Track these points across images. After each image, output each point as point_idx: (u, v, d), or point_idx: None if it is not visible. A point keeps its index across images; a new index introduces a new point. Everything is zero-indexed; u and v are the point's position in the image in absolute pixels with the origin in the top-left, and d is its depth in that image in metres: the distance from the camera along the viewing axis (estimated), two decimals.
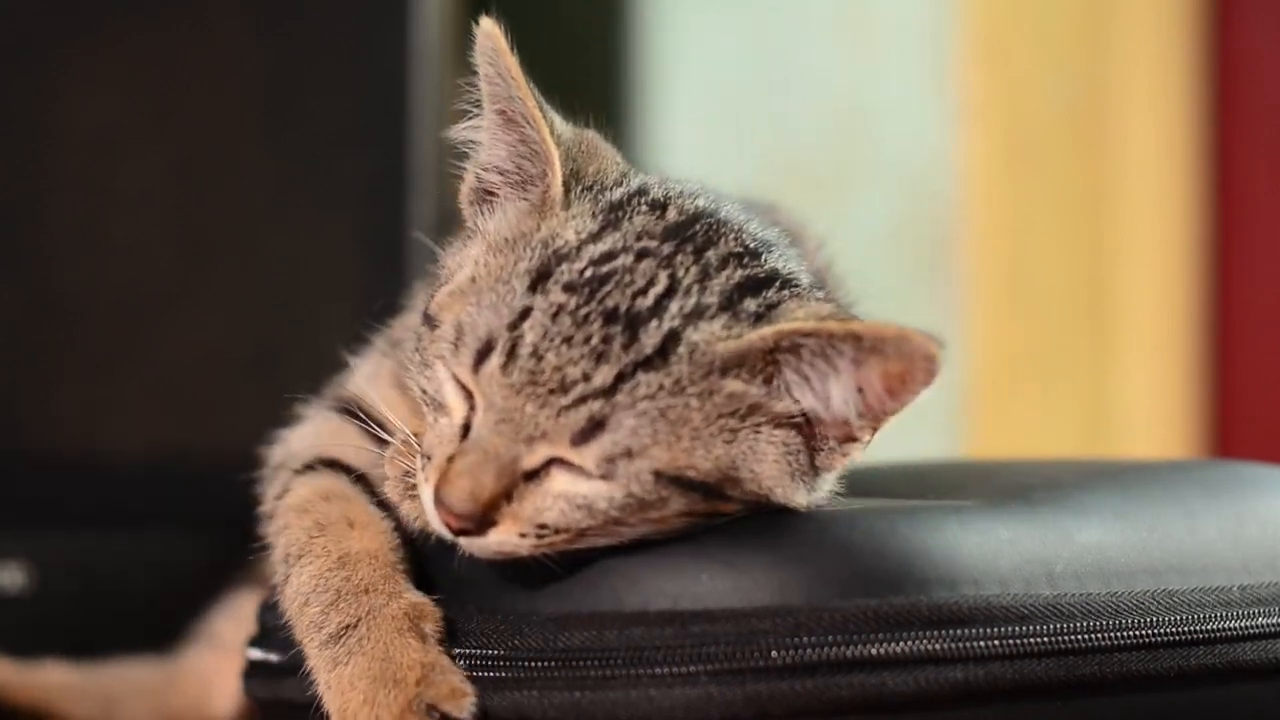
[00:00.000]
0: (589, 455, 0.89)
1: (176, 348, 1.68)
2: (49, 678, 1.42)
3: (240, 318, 1.69)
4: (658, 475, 0.90)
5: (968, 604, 0.91)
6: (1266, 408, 2.47)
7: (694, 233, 0.95)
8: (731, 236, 0.96)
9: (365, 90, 1.72)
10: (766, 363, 0.91)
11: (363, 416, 1.03)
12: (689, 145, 2.36)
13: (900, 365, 0.90)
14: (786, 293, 0.94)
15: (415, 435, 0.97)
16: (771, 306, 0.93)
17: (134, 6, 1.69)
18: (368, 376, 1.08)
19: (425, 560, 0.98)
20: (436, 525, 0.92)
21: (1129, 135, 2.37)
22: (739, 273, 0.94)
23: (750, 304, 0.93)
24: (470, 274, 0.96)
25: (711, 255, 0.94)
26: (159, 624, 1.45)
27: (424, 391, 0.95)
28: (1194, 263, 2.45)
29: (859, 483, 1.08)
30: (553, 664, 0.91)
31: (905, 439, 2.39)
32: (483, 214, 1.00)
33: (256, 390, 1.13)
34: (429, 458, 0.93)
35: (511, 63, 0.96)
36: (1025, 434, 2.28)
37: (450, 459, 0.91)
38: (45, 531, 1.64)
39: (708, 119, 2.37)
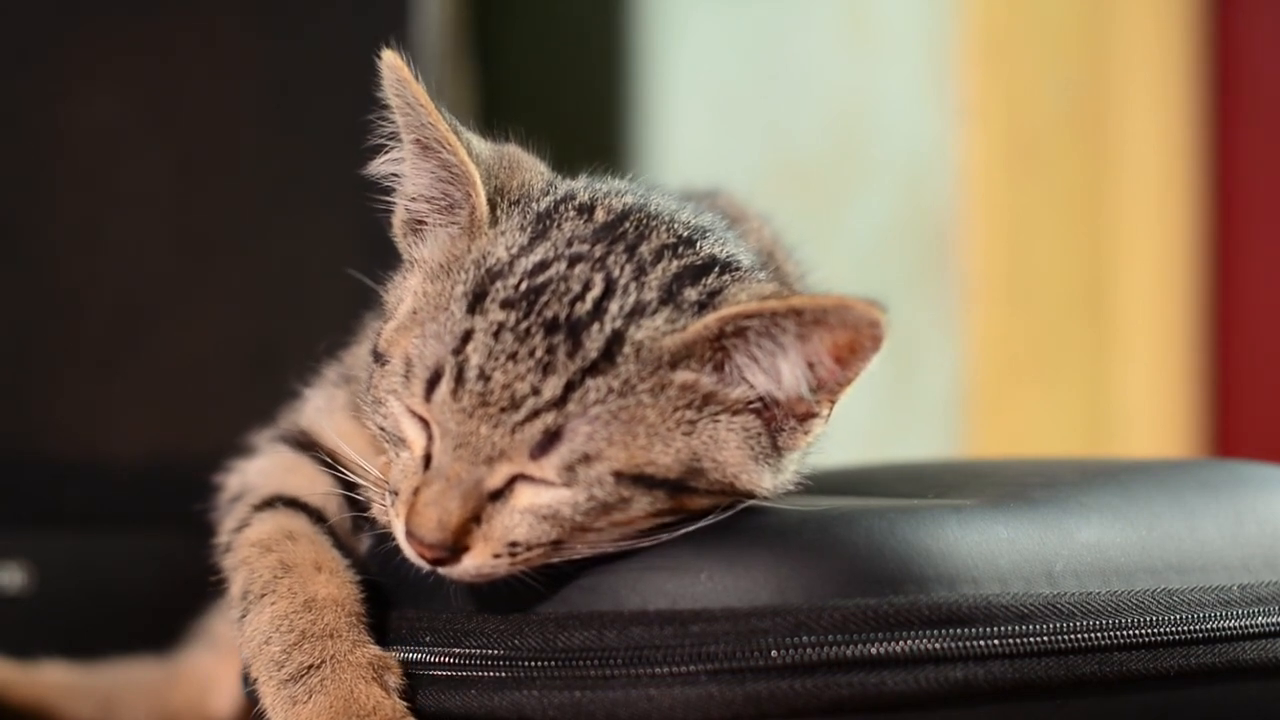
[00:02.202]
0: (549, 466, 0.89)
1: (176, 348, 1.68)
2: (49, 678, 1.42)
3: (240, 318, 1.69)
4: (618, 476, 0.90)
5: (967, 603, 0.91)
6: (1267, 407, 2.47)
7: (624, 230, 0.95)
8: (663, 228, 0.96)
9: (365, 90, 1.72)
10: (715, 350, 0.92)
11: (318, 450, 1.04)
12: (689, 145, 2.36)
13: (845, 335, 0.90)
14: (728, 277, 0.94)
15: (374, 467, 0.98)
16: (713, 293, 0.93)
17: (135, 5, 1.69)
18: (320, 409, 1.08)
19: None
20: (413, 558, 0.92)
21: (1129, 135, 2.37)
22: (675, 263, 0.94)
23: (691, 293, 0.93)
24: (411, 305, 0.96)
25: (644, 250, 0.94)
26: (159, 624, 1.45)
27: (382, 430, 0.95)
28: (1194, 262, 2.45)
29: (859, 482, 1.08)
30: (553, 664, 0.91)
31: (905, 439, 2.39)
32: (416, 244, 1.00)
33: (256, 390, 1.13)
34: (396, 493, 0.93)
35: (419, 90, 0.96)
36: (1025, 434, 2.28)
37: (416, 491, 0.91)
38: (45, 531, 1.64)
39: (708, 119, 2.37)
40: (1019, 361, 2.31)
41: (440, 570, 0.91)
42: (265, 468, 1.08)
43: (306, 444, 1.07)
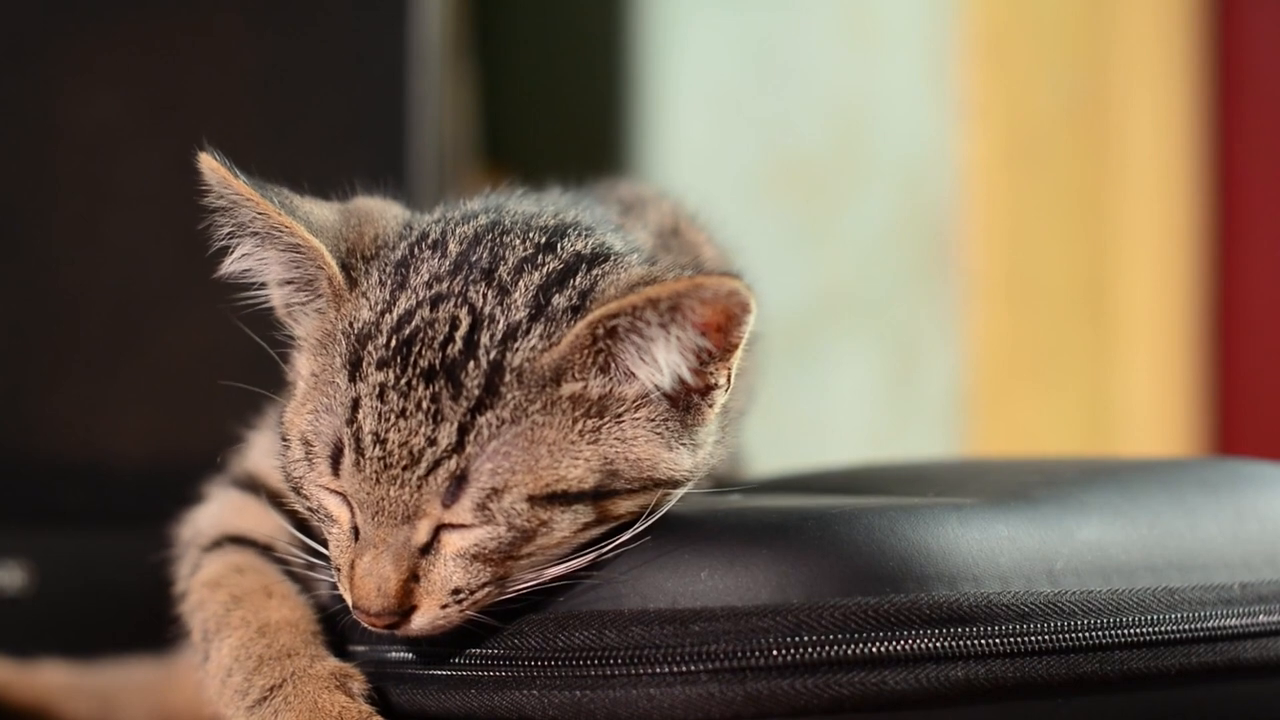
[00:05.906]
0: (463, 510, 0.89)
1: (176, 348, 1.68)
2: (48, 678, 1.42)
3: (240, 318, 1.69)
4: (532, 500, 0.89)
5: (968, 602, 0.90)
6: (1267, 406, 2.47)
7: (478, 257, 0.94)
8: (518, 241, 0.95)
9: (365, 89, 1.72)
10: (595, 354, 0.91)
11: (265, 492, 1.04)
12: (689, 145, 2.36)
13: (712, 309, 0.89)
14: (597, 271, 0.94)
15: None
16: (584, 293, 0.92)
17: (134, 5, 1.69)
18: (266, 451, 1.08)
19: None
20: (368, 627, 0.92)
21: (1130, 134, 2.37)
22: (536, 275, 0.93)
23: (560, 300, 0.92)
24: (303, 386, 0.96)
25: (503, 271, 0.93)
26: (159, 624, 1.45)
27: (310, 510, 0.95)
28: (1195, 261, 2.45)
29: (859, 481, 1.08)
30: (553, 663, 0.91)
31: (905, 439, 2.39)
32: (296, 325, 1.00)
33: (256, 390, 1.13)
34: (339, 569, 0.93)
35: (241, 186, 0.96)
36: (1025, 433, 2.28)
37: (352, 564, 0.91)
38: (45, 531, 1.64)
39: (708, 118, 2.37)
40: (1019, 361, 2.31)
41: (398, 633, 0.92)
42: (214, 511, 1.08)
43: (254, 486, 1.07)
